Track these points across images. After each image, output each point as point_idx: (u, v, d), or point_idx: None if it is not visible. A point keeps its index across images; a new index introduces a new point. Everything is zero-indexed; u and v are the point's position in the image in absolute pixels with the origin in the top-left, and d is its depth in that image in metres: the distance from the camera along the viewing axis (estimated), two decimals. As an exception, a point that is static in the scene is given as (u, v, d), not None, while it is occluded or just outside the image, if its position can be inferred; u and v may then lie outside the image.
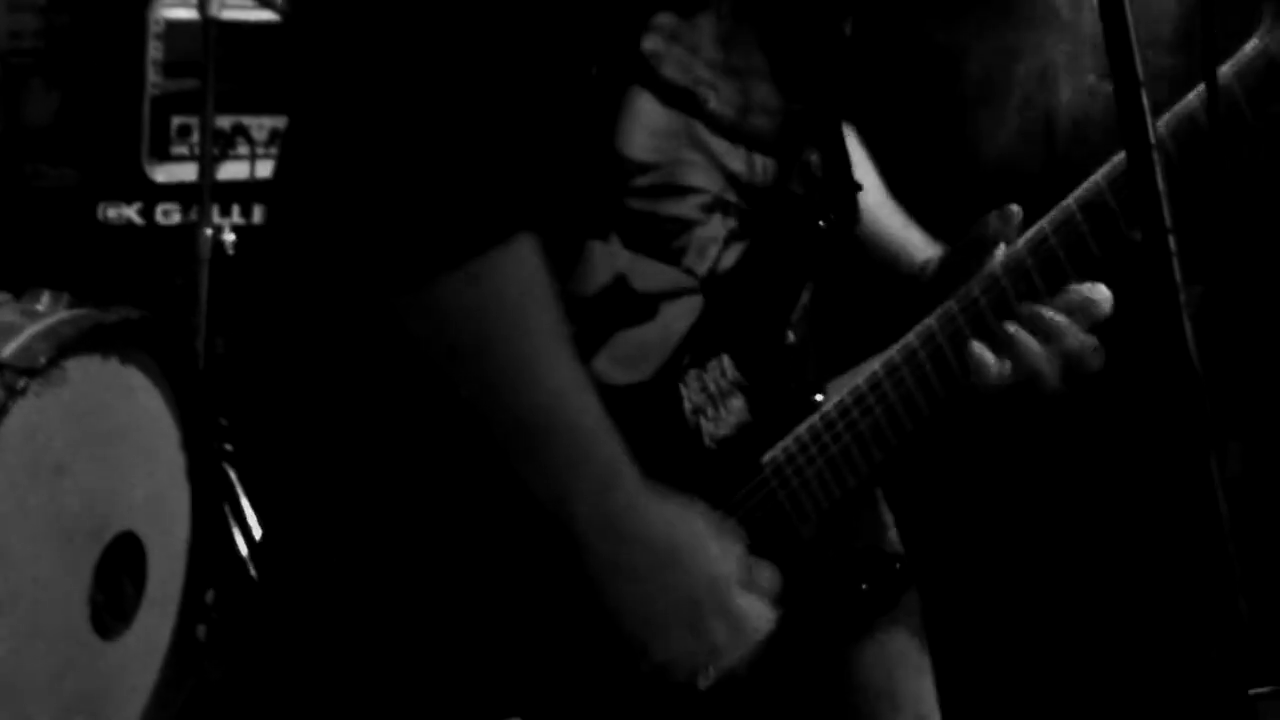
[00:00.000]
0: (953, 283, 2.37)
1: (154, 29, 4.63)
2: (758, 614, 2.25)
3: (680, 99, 2.23)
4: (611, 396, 2.18)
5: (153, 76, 4.65)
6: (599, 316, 2.24)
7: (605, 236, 2.22)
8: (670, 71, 2.22)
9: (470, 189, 2.11)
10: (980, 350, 2.31)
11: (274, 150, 4.41)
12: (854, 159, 2.54)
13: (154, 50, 4.64)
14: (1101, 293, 2.34)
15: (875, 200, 2.60)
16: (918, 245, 2.57)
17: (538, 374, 2.16)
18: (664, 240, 2.25)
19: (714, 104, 2.26)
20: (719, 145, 2.28)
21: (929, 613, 2.63)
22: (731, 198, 2.30)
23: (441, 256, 2.10)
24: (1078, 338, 2.31)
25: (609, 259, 2.23)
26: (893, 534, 2.56)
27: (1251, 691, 1.78)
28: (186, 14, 4.60)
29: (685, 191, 2.27)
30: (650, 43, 2.20)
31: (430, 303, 2.11)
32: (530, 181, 2.16)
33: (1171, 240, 1.75)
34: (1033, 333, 2.32)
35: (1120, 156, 2.28)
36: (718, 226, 2.29)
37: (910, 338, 2.33)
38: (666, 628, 2.22)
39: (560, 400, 2.16)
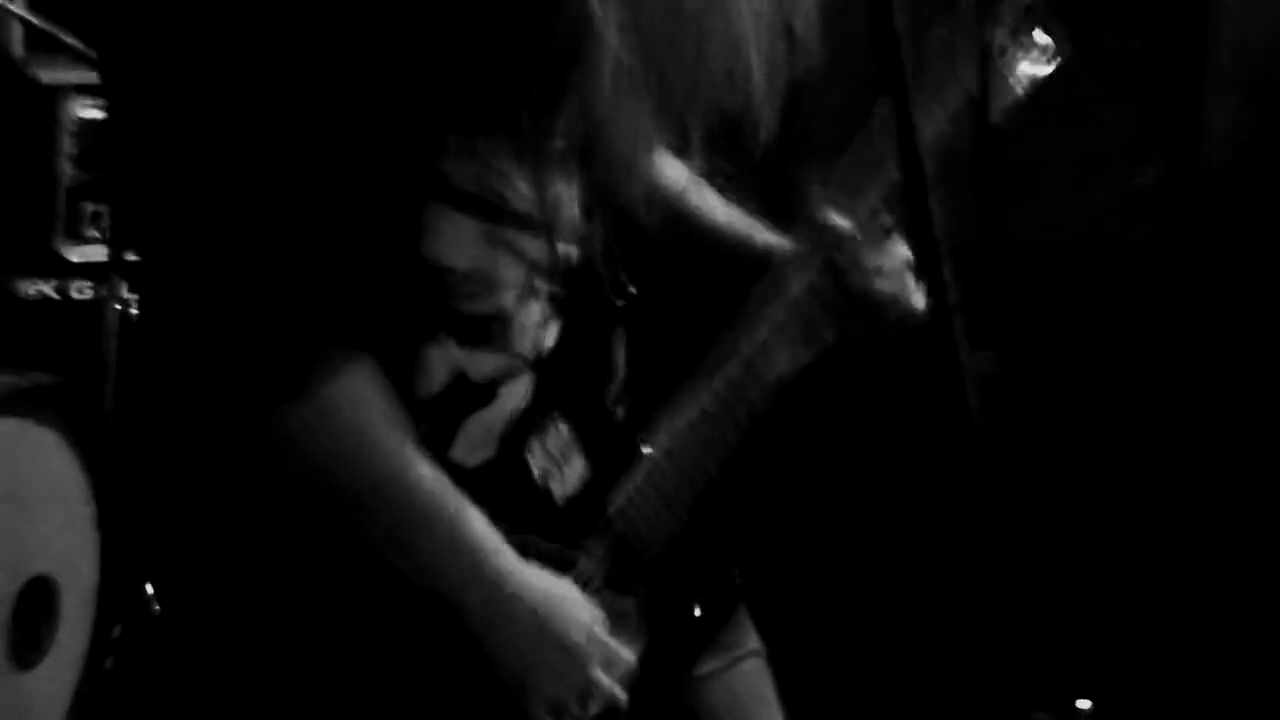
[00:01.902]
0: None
1: (68, 126, 4.70)
2: (625, 653, 2.37)
3: (478, 206, 2.31)
4: (468, 477, 2.25)
5: (66, 168, 4.71)
6: (445, 411, 2.31)
7: (438, 339, 2.28)
8: (465, 184, 2.29)
9: (285, 327, 2.18)
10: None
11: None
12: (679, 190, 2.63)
13: (68, 145, 4.71)
14: None
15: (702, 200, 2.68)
16: (750, 231, 2.68)
17: (390, 480, 2.22)
18: (489, 332, 2.32)
19: (511, 205, 2.34)
20: (521, 240, 2.35)
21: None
22: (541, 284, 2.37)
23: (271, 395, 2.17)
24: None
25: (445, 359, 2.29)
26: (726, 565, 2.61)
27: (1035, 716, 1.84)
28: (98, 114, 4.68)
29: (497, 286, 2.33)
30: (446, 164, 2.27)
31: (272, 439, 2.18)
32: (348, 307, 2.22)
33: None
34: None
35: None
36: (534, 311, 2.37)
37: (710, 386, 2.45)
38: (542, 673, 2.31)
39: (417, 498, 2.22)
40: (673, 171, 2.61)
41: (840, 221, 2.50)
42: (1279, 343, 4.80)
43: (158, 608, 4.42)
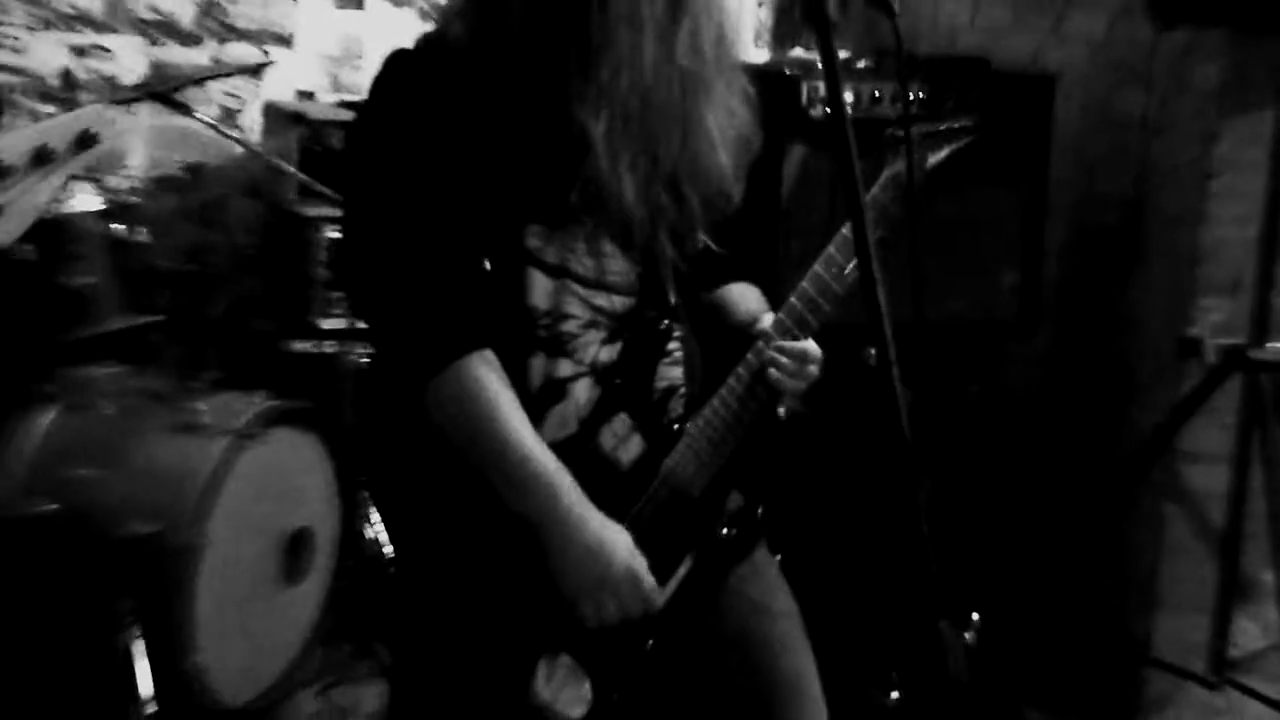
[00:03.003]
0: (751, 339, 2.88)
1: (321, 243, 5.43)
2: (633, 602, 2.73)
3: (555, 271, 2.76)
4: (556, 448, 2.70)
5: (320, 270, 5.46)
6: (541, 402, 2.76)
7: (535, 353, 2.76)
8: (547, 256, 2.75)
9: (441, 333, 2.66)
10: (775, 375, 2.85)
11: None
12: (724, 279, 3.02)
13: (321, 255, 5.44)
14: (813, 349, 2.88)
15: (739, 291, 3.04)
16: (752, 310, 2.98)
17: (500, 434, 2.65)
18: (563, 348, 2.78)
19: (577, 271, 2.78)
20: (587, 292, 2.79)
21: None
22: (600, 319, 2.80)
23: (431, 367, 2.66)
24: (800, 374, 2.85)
25: (540, 365, 2.77)
26: (749, 504, 2.94)
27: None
28: (338, 236, 5.30)
29: (569, 319, 2.78)
30: (530, 242, 2.74)
31: (432, 396, 2.67)
32: (476, 327, 2.68)
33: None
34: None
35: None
36: (594, 335, 2.80)
37: (734, 373, 2.86)
38: (586, 587, 2.70)
39: (516, 447, 2.66)
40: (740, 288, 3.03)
41: (768, 330, 2.87)
42: (1092, 386, 5.25)
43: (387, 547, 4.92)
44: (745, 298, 3.03)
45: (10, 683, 4.52)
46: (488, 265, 2.70)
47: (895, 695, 4.69)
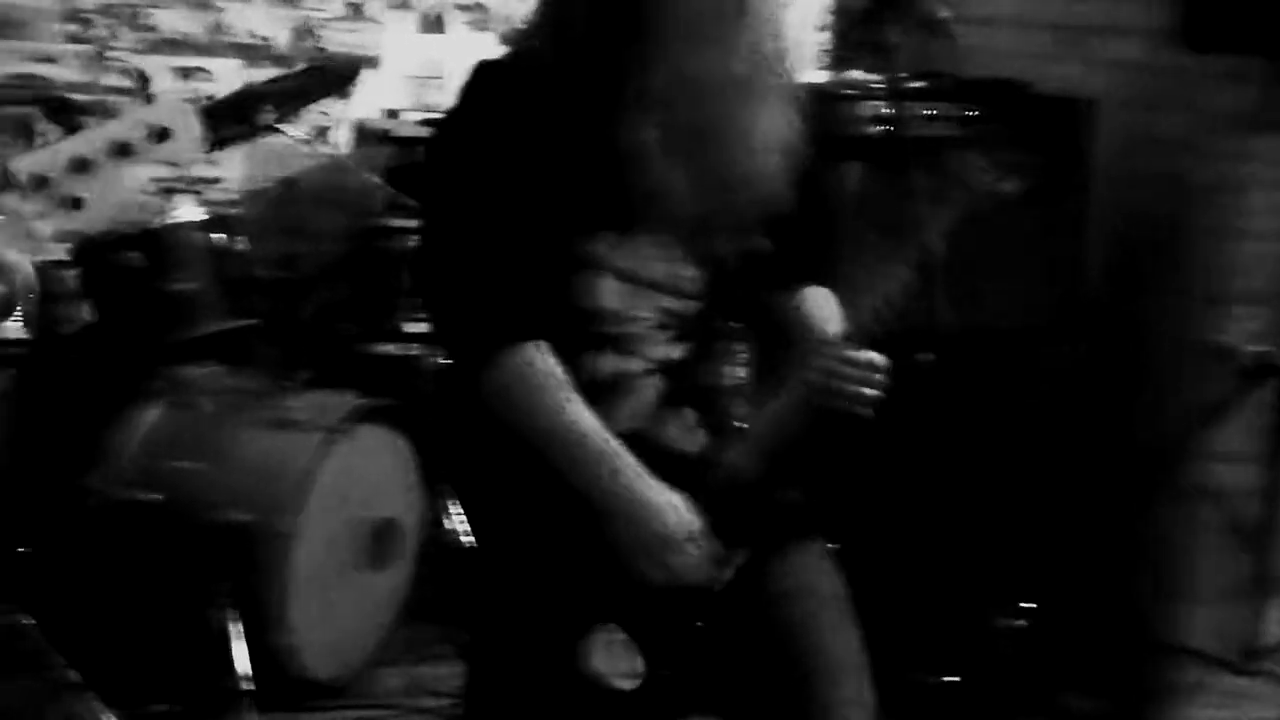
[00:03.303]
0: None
1: (406, 252, 5.49)
2: (694, 559, 2.80)
3: (626, 276, 2.81)
4: (627, 439, 2.77)
5: (404, 278, 5.52)
6: (611, 396, 2.84)
7: (601, 350, 2.83)
8: (617, 262, 2.81)
9: (497, 322, 2.74)
10: (840, 383, 2.83)
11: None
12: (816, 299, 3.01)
13: (405, 262, 5.50)
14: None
15: (812, 295, 3.04)
16: (822, 315, 2.98)
17: (560, 415, 2.74)
18: (632, 347, 2.85)
19: (647, 276, 2.84)
20: (655, 296, 2.85)
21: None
22: (669, 321, 2.87)
23: (489, 354, 2.74)
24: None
25: (606, 363, 2.85)
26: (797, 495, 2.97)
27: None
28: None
29: (638, 320, 2.85)
30: (600, 248, 2.80)
31: (488, 381, 2.75)
32: (537, 320, 2.75)
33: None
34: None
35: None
36: (661, 335, 2.87)
37: (799, 374, 2.87)
38: (645, 557, 2.77)
39: (575, 426, 2.74)
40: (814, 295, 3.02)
41: (827, 334, 2.90)
42: (1127, 391, 5.26)
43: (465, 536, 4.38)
44: (817, 302, 3.03)
45: (117, 659, 4.69)
46: (555, 269, 2.77)
47: (946, 679, 4.66)
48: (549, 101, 2.72)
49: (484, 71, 2.84)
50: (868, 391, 2.82)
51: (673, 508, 2.76)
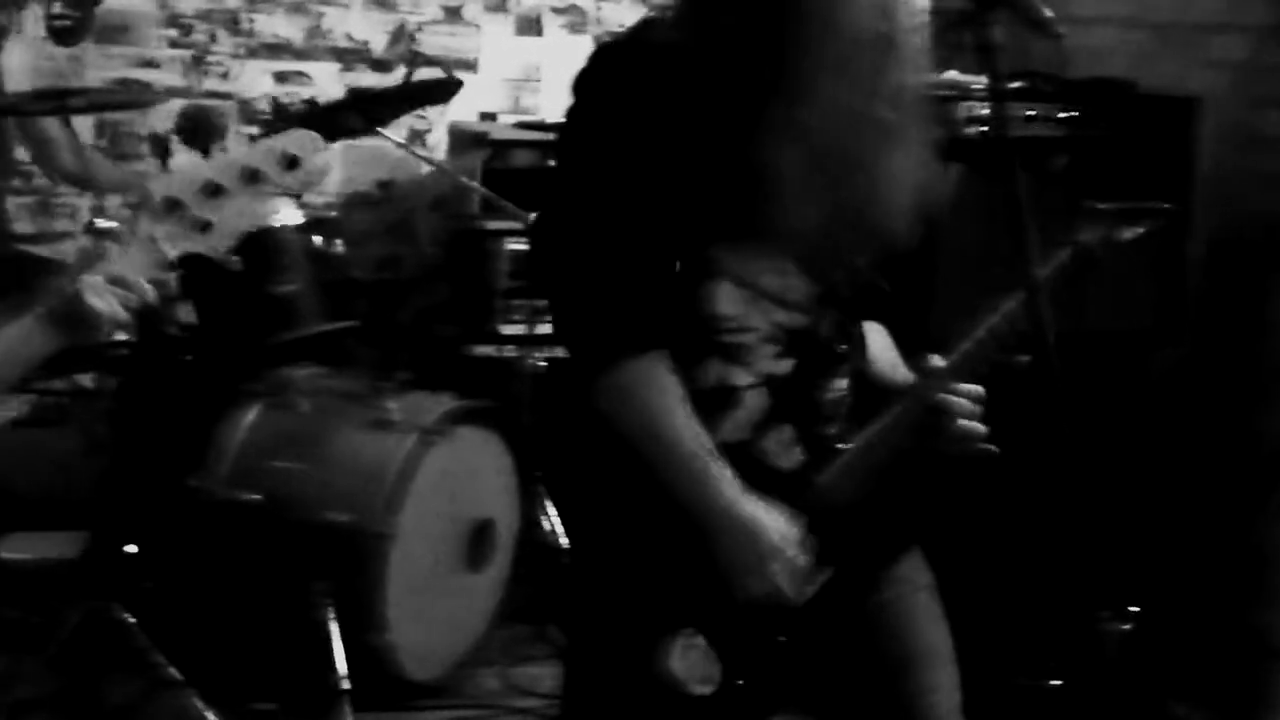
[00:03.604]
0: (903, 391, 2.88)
1: (502, 254, 5.73)
2: (796, 569, 2.77)
3: (744, 283, 2.77)
4: (728, 450, 2.74)
5: (502, 280, 5.75)
6: (714, 405, 2.78)
7: (712, 358, 2.78)
8: (737, 269, 2.77)
9: (622, 329, 2.70)
10: (951, 419, 2.83)
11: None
12: (874, 329, 2.98)
13: (503, 265, 5.74)
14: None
15: (881, 349, 3.01)
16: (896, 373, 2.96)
17: (671, 428, 2.71)
18: (742, 357, 2.80)
19: (763, 286, 2.80)
20: (769, 307, 2.80)
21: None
22: (778, 334, 2.82)
23: (610, 361, 2.70)
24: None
25: (717, 371, 2.80)
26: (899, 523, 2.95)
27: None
28: (521, 247, 5.65)
29: (751, 330, 2.80)
30: (722, 254, 2.76)
31: (606, 387, 2.72)
32: (657, 328, 2.71)
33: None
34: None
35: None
36: (769, 349, 2.82)
37: (898, 402, 2.87)
38: (746, 570, 2.75)
39: (684, 441, 2.71)
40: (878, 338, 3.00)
41: (938, 368, 2.86)
42: (1230, 392, 5.24)
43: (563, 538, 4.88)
44: (874, 339, 3.02)
45: (218, 657, 4.74)
46: (681, 272, 2.75)
47: (1053, 683, 4.69)
48: (682, 97, 2.69)
49: (613, 57, 2.80)
50: (974, 427, 2.84)
51: (775, 524, 2.75)
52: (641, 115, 2.68)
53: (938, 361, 2.86)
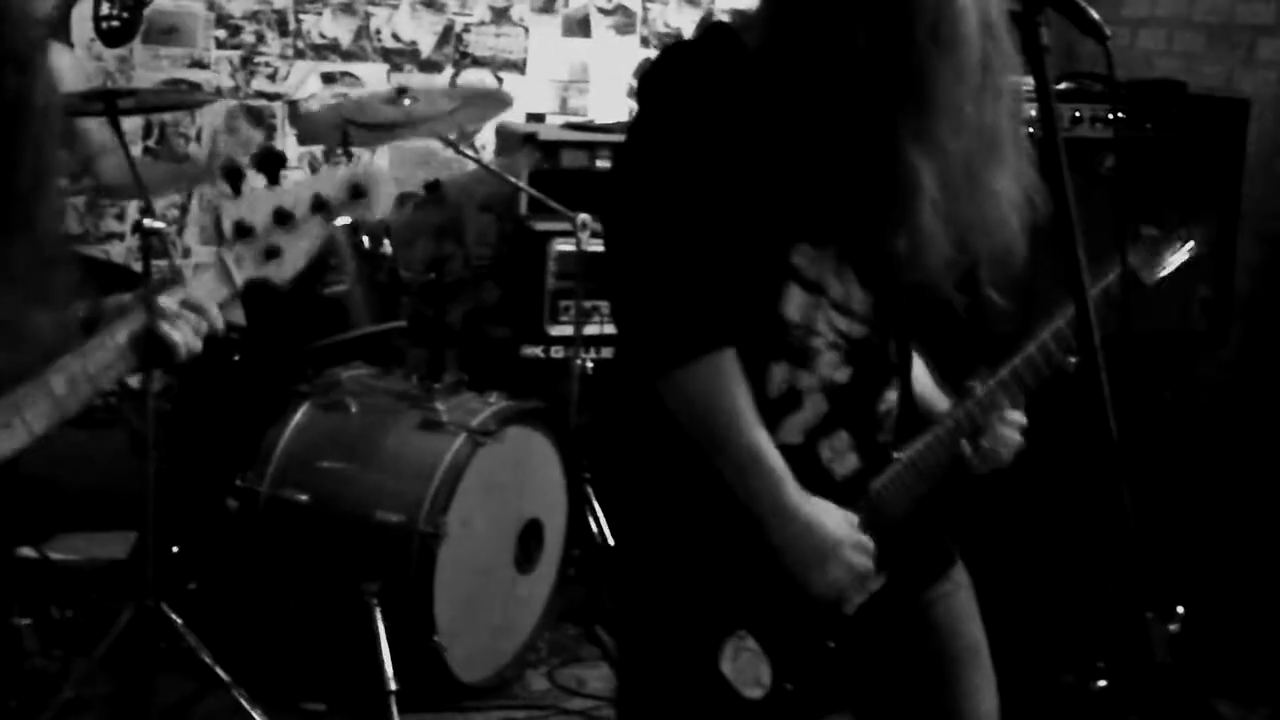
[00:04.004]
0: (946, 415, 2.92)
1: (551, 255, 5.77)
2: (861, 564, 2.80)
3: (813, 289, 2.79)
4: (786, 451, 2.76)
5: (550, 280, 5.77)
6: (779, 408, 2.81)
7: (779, 360, 2.80)
8: (808, 274, 2.78)
9: (694, 326, 2.69)
10: (990, 445, 2.89)
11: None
12: (919, 365, 3.01)
13: (551, 266, 5.77)
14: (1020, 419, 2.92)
15: (924, 383, 3.05)
16: (938, 402, 3.00)
17: (736, 428, 2.71)
18: (808, 361, 2.82)
19: (830, 293, 2.81)
20: (833, 314, 2.82)
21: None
22: (840, 342, 2.83)
23: (681, 358, 2.69)
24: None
25: (782, 373, 2.81)
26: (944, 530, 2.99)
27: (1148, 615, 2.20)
28: (569, 247, 5.51)
29: (816, 335, 2.81)
30: (795, 258, 2.77)
31: (675, 384, 2.71)
32: (727, 327, 2.70)
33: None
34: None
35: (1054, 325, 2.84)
36: (833, 355, 2.84)
37: (951, 416, 2.91)
38: (810, 567, 2.76)
39: (750, 442, 2.72)
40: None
41: (981, 392, 2.89)
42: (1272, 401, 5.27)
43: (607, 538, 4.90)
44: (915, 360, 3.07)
45: (266, 656, 4.77)
46: (755, 273, 2.75)
47: (1100, 683, 4.70)
48: (767, 99, 2.67)
49: (691, 56, 2.78)
50: (1011, 456, 2.90)
51: (839, 525, 2.77)
52: (723, 115, 2.66)
53: (979, 387, 2.89)
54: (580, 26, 6.62)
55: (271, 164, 2.72)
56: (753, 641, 2.76)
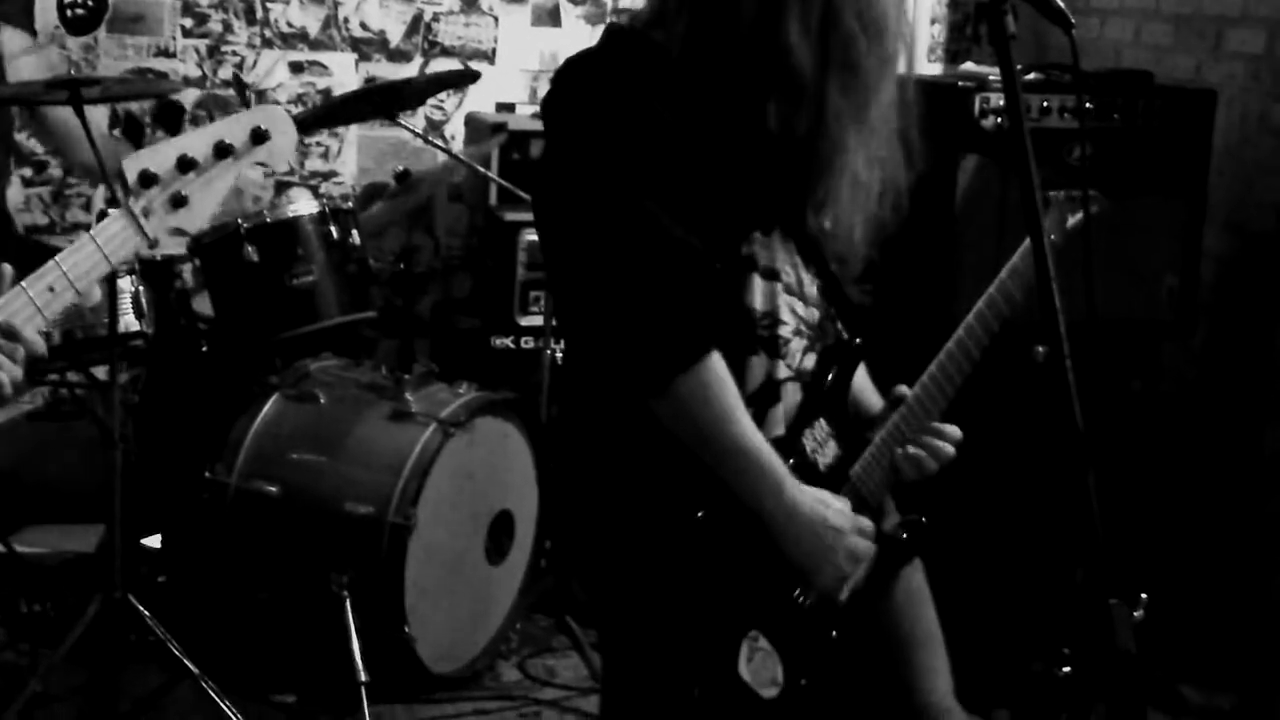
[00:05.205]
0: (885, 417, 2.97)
1: (522, 245, 5.68)
2: (865, 547, 2.84)
3: (770, 275, 2.82)
4: (772, 445, 2.77)
5: (521, 271, 5.71)
6: (760, 401, 2.82)
7: (756, 353, 2.83)
8: (764, 262, 2.82)
9: (678, 337, 2.67)
10: (913, 453, 2.93)
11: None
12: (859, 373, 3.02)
13: (522, 257, 5.70)
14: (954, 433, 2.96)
15: (861, 385, 3.07)
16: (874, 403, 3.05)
17: (733, 432, 2.71)
18: (779, 350, 2.85)
19: (784, 278, 2.85)
20: (791, 299, 2.87)
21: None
22: (803, 328, 2.88)
23: (673, 372, 2.67)
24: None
25: (760, 366, 2.84)
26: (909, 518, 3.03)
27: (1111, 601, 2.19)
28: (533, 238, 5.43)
29: (782, 323, 2.85)
30: (749, 248, 2.81)
31: (670, 399, 2.69)
32: (710, 329, 2.70)
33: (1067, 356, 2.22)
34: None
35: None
36: (799, 343, 2.88)
37: (914, 396, 2.94)
38: (819, 561, 2.78)
39: (748, 444, 2.72)
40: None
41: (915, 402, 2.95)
42: (1246, 382, 5.27)
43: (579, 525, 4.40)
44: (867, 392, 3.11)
45: (236, 648, 4.77)
46: (713, 269, 2.74)
47: (1065, 670, 4.68)
48: (696, 95, 2.69)
49: (602, 65, 2.76)
50: (936, 468, 2.93)
51: (839, 514, 2.80)
52: (652, 118, 2.65)
53: (906, 392, 2.93)
54: (550, 16, 6.60)
55: (171, 116, 2.74)
56: (765, 641, 2.77)
